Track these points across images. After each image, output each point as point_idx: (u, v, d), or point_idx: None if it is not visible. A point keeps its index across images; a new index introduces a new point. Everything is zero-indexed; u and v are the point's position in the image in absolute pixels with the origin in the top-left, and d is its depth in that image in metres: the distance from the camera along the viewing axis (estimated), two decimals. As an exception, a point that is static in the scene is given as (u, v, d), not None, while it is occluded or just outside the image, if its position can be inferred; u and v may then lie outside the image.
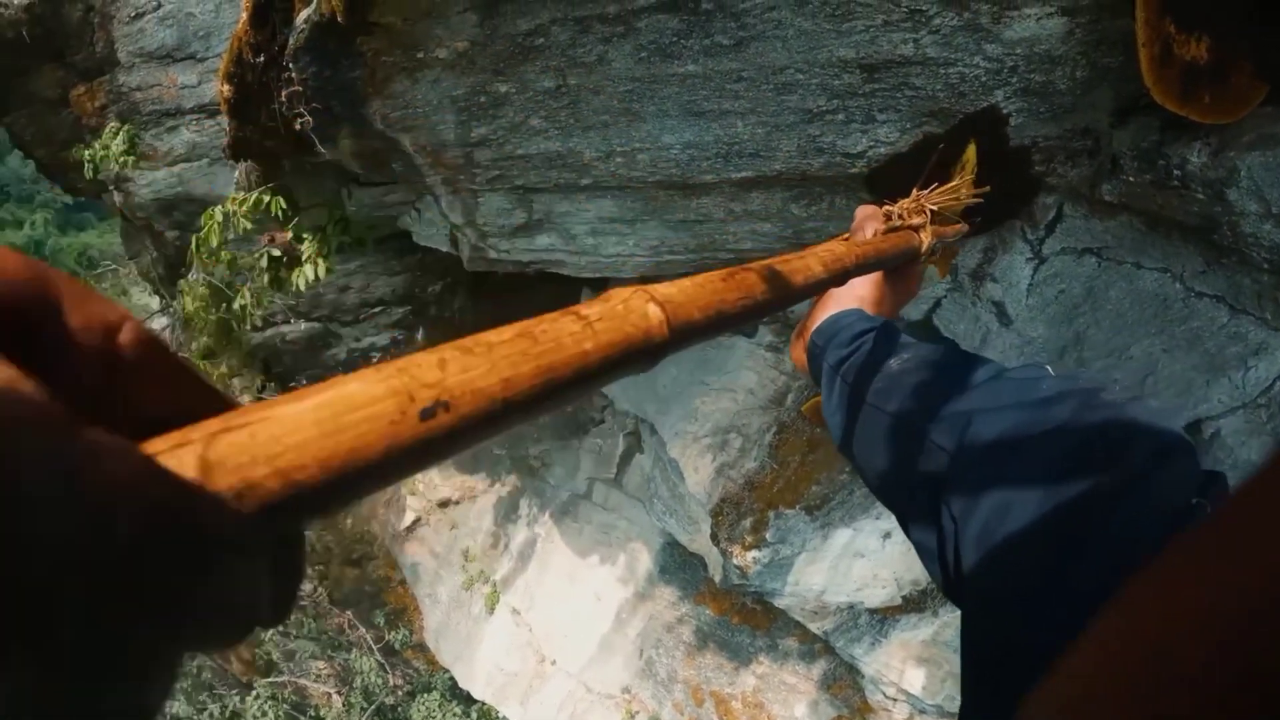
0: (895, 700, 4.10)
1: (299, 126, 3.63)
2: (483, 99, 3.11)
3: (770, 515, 4.22)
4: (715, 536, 4.37)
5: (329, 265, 4.94)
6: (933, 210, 1.30)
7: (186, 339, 7.30)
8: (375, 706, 7.93)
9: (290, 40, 3.33)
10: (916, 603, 3.97)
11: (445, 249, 4.55)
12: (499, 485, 6.59)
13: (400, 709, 7.86)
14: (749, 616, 4.82)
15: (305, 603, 8.04)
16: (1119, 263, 2.61)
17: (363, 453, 0.28)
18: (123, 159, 6.20)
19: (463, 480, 6.80)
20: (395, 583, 7.73)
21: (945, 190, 1.40)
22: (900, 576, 3.91)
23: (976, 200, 1.70)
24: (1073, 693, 0.32)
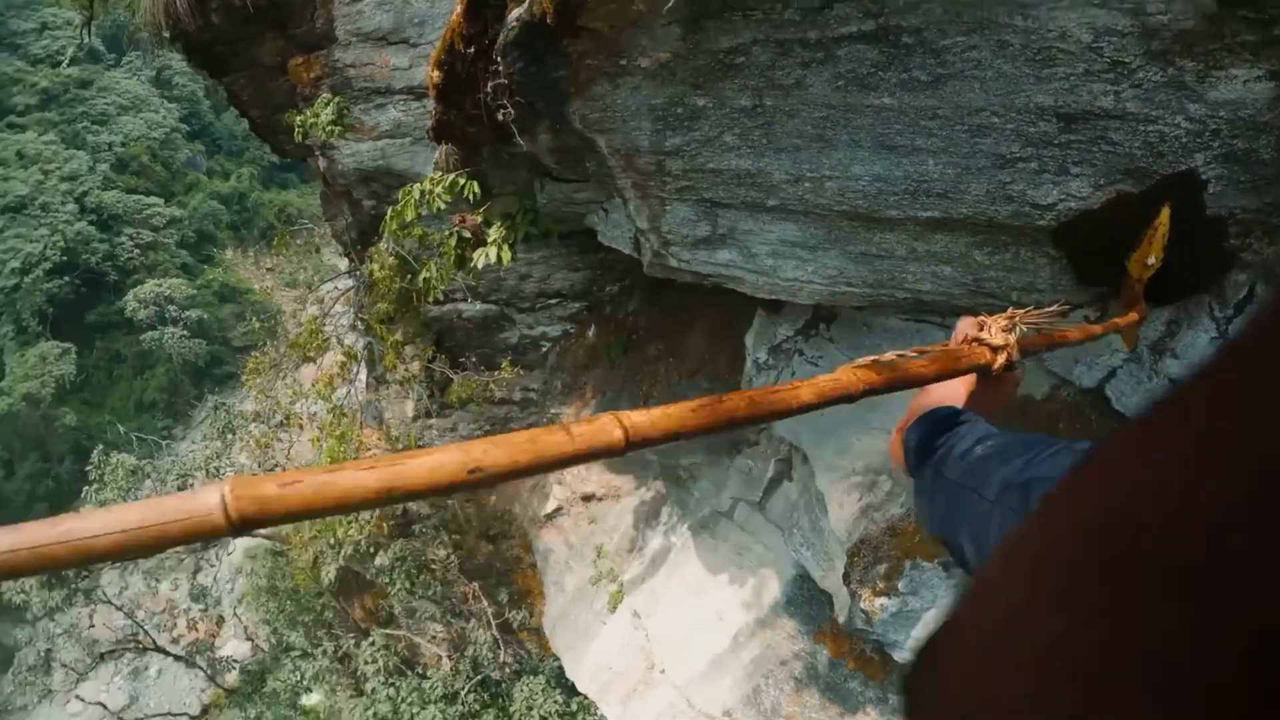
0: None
1: (501, 117, 3.88)
2: (679, 110, 3.25)
3: (906, 564, 4.12)
4: (848, 576, 4.31)
5: (513, 252, 5.23)
6: (1030, 327, 1.35)
7: (369, 302, 7.82)
8: (481, 679, 8.20)
9: (501, 35, 3.56)
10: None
11: (627, 251, 4.73)
12: (644, 489, 6.74)
13: (504, 686, 8.08)
14: (865, 664, 4.71)
15: (436, 566, 8.43)
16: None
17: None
18: (330, 128, 6.72)
19: (610, 478, 6.99)
20: (525, 565, 8.01)
21: (1044, 313, 1.42)
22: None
23: (1152, 273, 1.68)
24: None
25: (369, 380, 9.08)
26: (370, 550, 8.03)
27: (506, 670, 8.20)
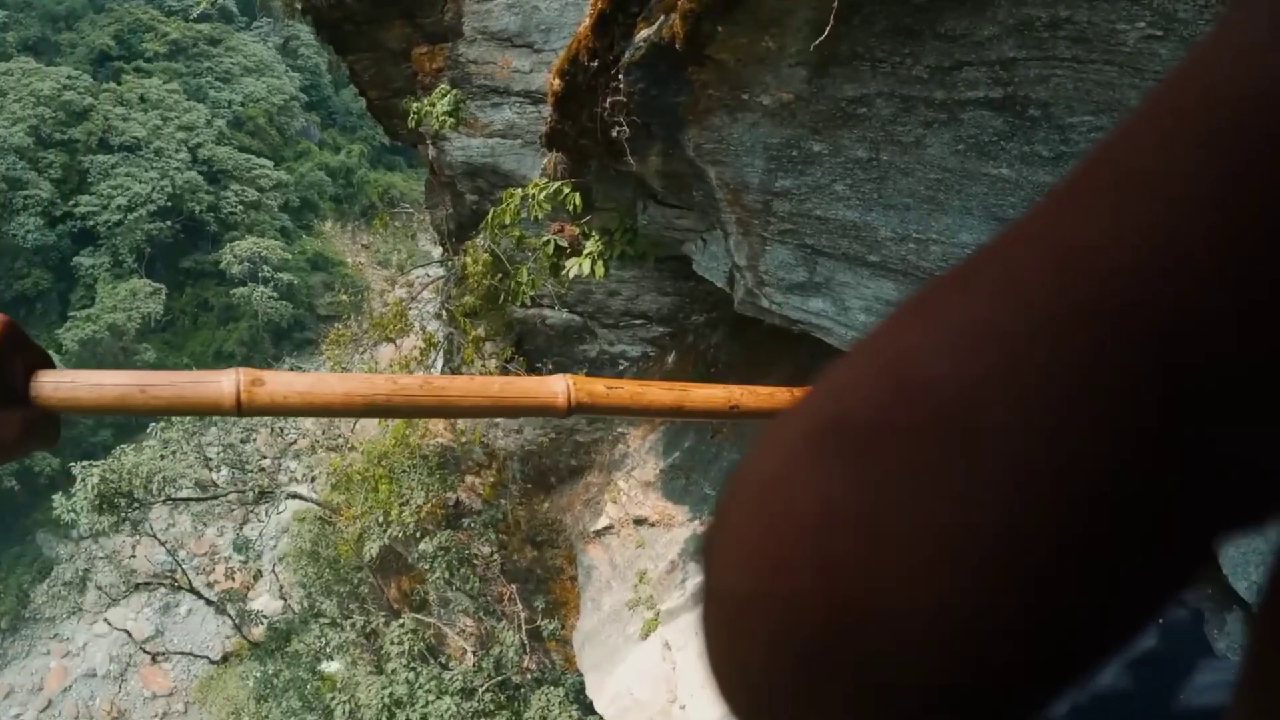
0: None
1: (615, 134, 3.93)
2: (794, 153, 3.26)
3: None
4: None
5: (606, 268, 5.28)
6: None
7: (456, 294, 7.97)
8: (501, 680, 8.22)
9: (626, 54, 3.61)
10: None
11: (720, 285, 4.74)
12: (697, 521, 6.71)
13: (523, 691, 8.09)
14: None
15: (478, 562, 8.50)
16: None
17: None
18: (444, 119, 6.90)
19: (665, 506, 6.98)
20: (566, 576, 8.02)
21: None
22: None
23: None
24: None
25: (444, 370, 9.25)
26: (417, 535, 8.14)
27: (528, 676, 8.21)
